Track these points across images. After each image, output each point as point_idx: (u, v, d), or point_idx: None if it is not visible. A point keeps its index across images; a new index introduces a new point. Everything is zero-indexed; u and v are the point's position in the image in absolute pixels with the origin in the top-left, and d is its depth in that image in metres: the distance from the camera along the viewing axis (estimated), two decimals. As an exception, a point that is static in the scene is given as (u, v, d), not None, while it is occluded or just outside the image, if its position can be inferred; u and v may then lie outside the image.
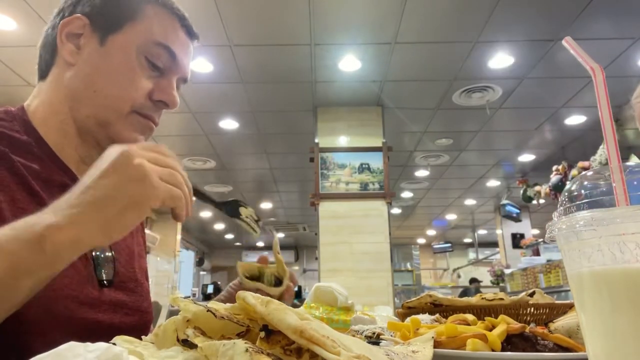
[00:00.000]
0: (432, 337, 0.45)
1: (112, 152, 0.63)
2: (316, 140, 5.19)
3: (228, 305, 0.40)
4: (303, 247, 14.71)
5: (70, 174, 0.82)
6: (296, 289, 1.02)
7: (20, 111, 0.83)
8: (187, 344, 0.38)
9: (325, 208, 4.97)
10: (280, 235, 13.12)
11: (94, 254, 0.81)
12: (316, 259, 5.12)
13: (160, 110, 0.88)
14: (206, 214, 10.90)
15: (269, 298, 0.36)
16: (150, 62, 0.83)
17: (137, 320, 0.86)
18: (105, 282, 0.81)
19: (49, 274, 0.58)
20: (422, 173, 7.74)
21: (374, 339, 0.67)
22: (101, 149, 0.84)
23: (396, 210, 10.50)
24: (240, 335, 0.38)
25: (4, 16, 3.60)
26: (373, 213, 4.93)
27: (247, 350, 0.30)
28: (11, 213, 0.69)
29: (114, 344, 0.33)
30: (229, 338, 0.37)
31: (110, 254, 0.85)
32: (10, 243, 0.55)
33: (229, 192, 8.40)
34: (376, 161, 5.09)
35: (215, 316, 0.38)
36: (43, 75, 0.87)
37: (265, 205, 9.79)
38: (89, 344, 0.26)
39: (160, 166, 0.63)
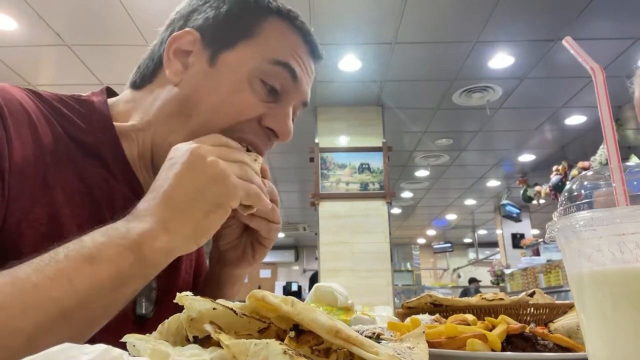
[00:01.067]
0: (423, 332, 0.44)
1: (181, 151, 0.60)
2: (316, 140, 5.18)
3: (237, 304, 0.39)
4: (303, 247, 14.71)
5: (138, 189, 0.74)
6: (296, 288, 0.99)
7: (103, 105, 0.74)
8: (197, 341, 0.37)
9: (325, 208, 4.96)
10: (280, 235, 13.13)
11: None
12: (316, 258, 5.12)
13: (269, 141, 0.75)
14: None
15: (293, 298, 0.35)
16: (267, 85, 0.72)
17: None
18: (145, 317, 0.75)
19: (144, 282, 0.57)
20: (422, 173, 7.74)
21: (374, 339, 0.66)
22: None
23: (396, 210, 10.50)
24: (261, 332, 0.37)
25: (4, 16, 3.60)
26: (373, 213, 4.93)
27: (285, 352, 0.29)
28: (70, 231, 0.62)
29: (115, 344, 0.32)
30: (249, 335, 0.37)
31: (154, 285, 0.77)
32: (108, 250, 0.53)
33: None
34: (376, 161, 5.09)
35: (237, 314, 0.37)
36: (134, 86, 0.79)
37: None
38: (86, 345, 0.25)
39: (230, 161, 0.61)
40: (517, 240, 9.43)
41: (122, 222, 0.56)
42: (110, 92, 0.81)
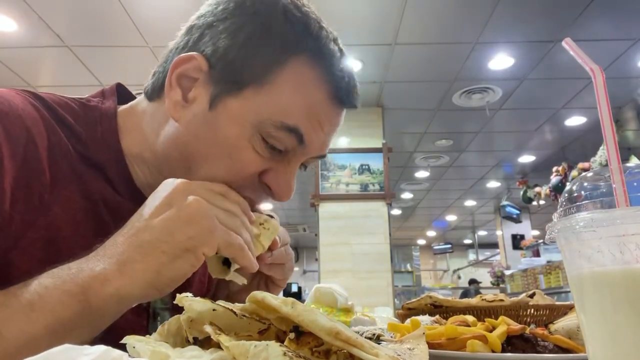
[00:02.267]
0: (423, 333, 0.44)
1: (167, 186, 0.55)
2: (316, 141, 5.18)
3: (238, 305, 0.39)
4: (303, 248, 14.70)
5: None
6: (296, 289, 0.95)
7: (111, 114, 0.68)
8: (197, 342, 0.37)
9: (325, 209, 4.97)
10: (280, 236, 13.07)
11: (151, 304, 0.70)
12: (316, 260, 5.12)
13: (266, 196, 0.68)
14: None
15: (293, 299, 0.35)
16: (268, 144, 0.63)
17: None
18: None
19: (95, 331, 0.50)
20: (422, 174, 7.74)
21: (374, 341, 0.66)
22: None
23: (396, 211, 10.49)
24: (261, 334, 0.37)
25: (4, 17, 3.60)
26: (373, 214, 4.93)
27: (285, 353, 0.29)
28: (71, 253, 0.57)
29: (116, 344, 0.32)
30: (249, 336, 0.37)
31: (168, 304, 0.71)
32: (50, 296, 0.47)
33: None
34: (376, 162, 5.09)
35: (237, 315, 0.37)
36: (147, 95, 0.71)
37: (265, 206, 9.77)
38: (86, 346, 0.25)
39: (218, 207, 0.55)
40: (517, 241, 9.42)
41: (80, 260, 0.51)
42: (121, 91, 0.75)
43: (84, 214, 0.62)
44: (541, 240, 7.91)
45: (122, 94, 0.75)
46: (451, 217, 11.60)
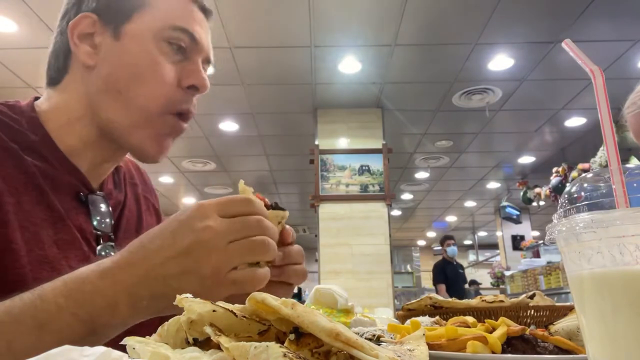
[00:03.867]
0: (423, 334, 0.44)
1: (191, 225, 0.56)
2: (316, 142, 5.19)
3: (237, 306, 0.39)
4: (303, 248, 14.70)
5: (80, 176, 0.77)
6: (296, 290, 0.97)
7: (29, 107, 0.78)
8: (197, 343, 0.37)
9: (325, 210, 4.97)
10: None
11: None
12: (316, 260, 5.12)
13: (192, 99, 0.80)
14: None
15: (293, 300, 0.35)
16: (173, 44, 0.76)
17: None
18: None
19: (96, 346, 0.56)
20: (422, 175, 7.75)
21: (374, 342, 0.66)
22: (123, 154, 0.82)
23: (396, 212, 10.49)
24: (261, 335, 0.37)
25: (5, 18, 3.60)
26: (373, 215, 4.93)
27: (285, 355, 0.29)
28: (17, 217, 0.65)
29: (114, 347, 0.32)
30: (249, 337, 0.37)
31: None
32: (61, 319, 0.52)
33: (229, 194, 8.39)
34: (376, 163, 5.09)
35: (236, 316, 0.37)
36: (53, 82, 0.82)
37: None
38: (86, 347, 0.25)
39: (244, 239, 0.57)
40: (517, 242, 9.42)
41: (96, 277, 0.54)
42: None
43: (24, 186, 0.69)
44: (541, 241, 7.92)
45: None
46: (451, 218, 11.60)
